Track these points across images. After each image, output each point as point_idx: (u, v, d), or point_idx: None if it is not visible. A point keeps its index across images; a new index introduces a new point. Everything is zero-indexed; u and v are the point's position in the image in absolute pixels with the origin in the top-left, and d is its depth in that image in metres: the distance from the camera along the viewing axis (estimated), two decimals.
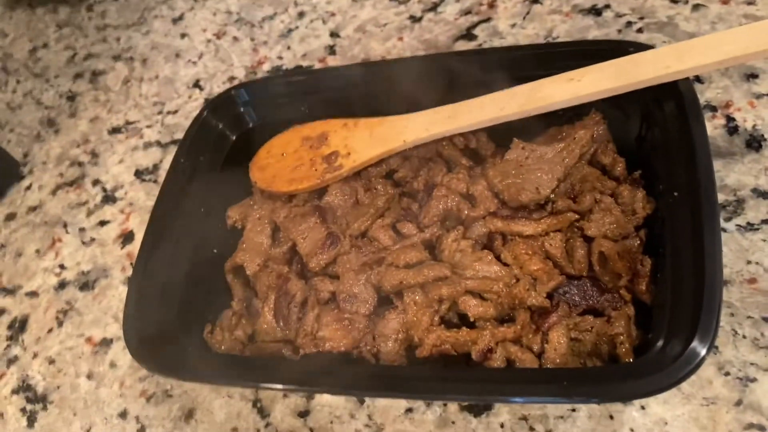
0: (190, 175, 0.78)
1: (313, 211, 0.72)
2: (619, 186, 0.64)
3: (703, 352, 0.50)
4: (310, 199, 0.76)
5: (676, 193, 0.59)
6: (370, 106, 0.77)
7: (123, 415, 0.76)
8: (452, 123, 0.69)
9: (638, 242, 0.63)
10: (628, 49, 0.65)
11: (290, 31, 1.05)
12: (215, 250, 0.78)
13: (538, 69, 0.68)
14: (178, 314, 0.71)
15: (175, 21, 1.18)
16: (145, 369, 0.68)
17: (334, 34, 1.02)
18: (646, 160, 0.67)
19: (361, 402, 0.68)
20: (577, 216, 0.64)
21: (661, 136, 0.64)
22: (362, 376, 0.59)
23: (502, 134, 0.72)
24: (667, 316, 0.56)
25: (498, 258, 0.64)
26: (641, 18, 0.85)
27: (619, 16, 0.87)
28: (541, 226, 0.63)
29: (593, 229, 0.63)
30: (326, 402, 0.70)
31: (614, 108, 0.69)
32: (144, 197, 0.95)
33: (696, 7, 0.84)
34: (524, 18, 0.91)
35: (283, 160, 0.77)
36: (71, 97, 1.14)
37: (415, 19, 0.98)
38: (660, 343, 0.54)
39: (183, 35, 1.14)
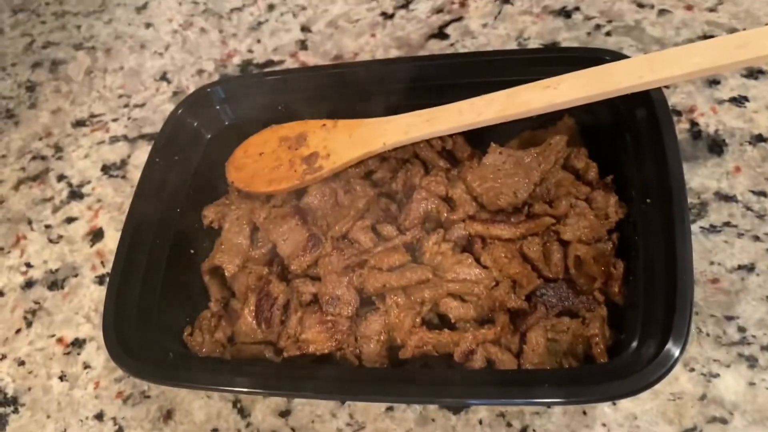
0: (164, 174, 0.77)
1: (293, 212, 0.72)
2: (593, 191, 0.67)
3: (677, 353, 0.53)
4: (289, 199, 0.76)
5: (648, 200, 0.62)
6: (348, 106, 0.77)
7: (99, 416, 0.76)
8: (431, 126, 0.70)
9: (611, 246, 0.66)
10: (604, 57, 0.67)
11: (260, 23, 1.04)
12: (192, 251, 0.77)
13: (515, 75, 0.70)
14: (157, 316, 0.71)
15: (139, 10, 1.15)
16: (127, 374, 0.67)
17: (305, 29, 1.01)
18: (618, 165, 0.69)
19: (342, 401, 0.70)
20: (553, 220, 0.66)
21: (632, 142, 0.67)
22: (345, 379, 0.61)
23: (478, 136, 0.74)
24: (640, 318, 0.59)
25: (478, 261, 0.66)
26: (609, 21, 0.88)
27: (588, 18, 0.89)
28: (519, 230, 0.65)
29: (569, 233, 0.65)
30: (307, 401, 0.71)
31: (586, 113, 0.71)
32: (112, 193, 0.93)
33: (661, 12, 0.87)
34: (495, 18, 0.93)
35: (261, 160, 0.77)
36: (31, 87, 1.10)
37: (387, 16, 0.98)
38: (634, 344, 0.57)
39: (148, 25, 1.11)
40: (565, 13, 0.90)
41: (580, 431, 0.63)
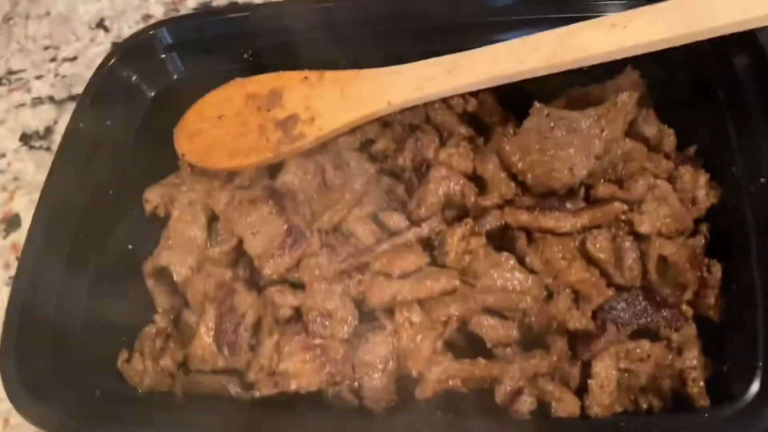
0: (93, 144, 0.59)
1: (266, 196, 0.54)
2: (678, 167, 0.50)
3: None
4: (259, 178, 0.58)
5: (763, 179, 0.45)
6: (338, 56, 0.60)
7: None
8: (453, 80, 0.53)
9: (702, 241, 0.49)
10: None
11: None
12: (130, 246, 0.59)
13: (568, 11, 0.54)
14: (81, 337, 0.53)
15: None
16: (35, 426, 0.49)
17: None
18: (700, 133, 0.53)
19: None
20: (625, 206, 0.49)
21: (728, 102, 0.51)
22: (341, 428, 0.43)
23: (511, 96, 0.57)
24: (757, 344, 0.42)
25: (522, 262, 0.49)
26: None
27: None
28: (580, 221, 0.48)
29: (647, 224, 0.48)
30: None
31: (655, 64, 0.54)
32: (33, 170, 0.75)
33: None
34: None
35: (220, 126, 0.59)
36: None
37: None
38: (755, 385, 0.40)
39: None
40: None
41: None
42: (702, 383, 0.44)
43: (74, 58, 0.83)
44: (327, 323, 0.49)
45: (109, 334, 0.55)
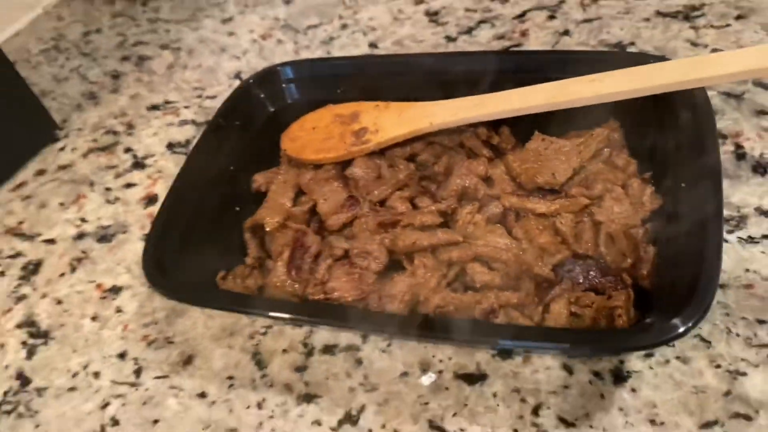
0: (225, 134, 0.83)
1: (337, 176, 0.76)
2: (630, 179, 0.68)
3: (683, 327, 0.53)
4: (336, 170, 0.80)
5: (683, 184, 0.63)
6: (402, 94, 0.82)
7: (122, 355, 0.77)
8: (479, 110, 0.74)
9: (643, 231, 0.66)
10: (649, 60, 0.71)
11: (332, 39, 1.12)
12: (238, 208, 0.81)
13: (567, 74, 0.74)
14: (195, 257, 0.74)
15: (225, 21, 1.25)
16: (155, 290, 0.70)
17: (372, 45, 1.08)
18: (658, 166, 0.71)
19: (359, 362, 0.70)
20: (588, 201, 0.67)
21: (673, 140, 0.69)
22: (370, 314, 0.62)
23: (525, 132, 0.77)
24: (665, 300, 0.59)
25: (509, 233, 0.67)
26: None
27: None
28: (554, 206, 0.67)
29: (603, 215, 0.66)
30: (324, 360, 0.71)
31: (630, 118, 0.74)
32: (173, 167, 0.98)
33: (715, 51, 0.90)
34: (552, 47, 0.98)
35: (313, 133, 0.82)
36: (115, 76, 1.19)
37: (450, 39, 1.04)
38: (651, 320, 0.57)
39: (230, 33, 1.21)
40: (621, 47, 0.94)
41: (596, 413, 0.62)
42: (625, 318, 0.60)
43: (214, 97, 1.08)
44: (366, 257, 0.69)
45: (213, 264, 0.76)
